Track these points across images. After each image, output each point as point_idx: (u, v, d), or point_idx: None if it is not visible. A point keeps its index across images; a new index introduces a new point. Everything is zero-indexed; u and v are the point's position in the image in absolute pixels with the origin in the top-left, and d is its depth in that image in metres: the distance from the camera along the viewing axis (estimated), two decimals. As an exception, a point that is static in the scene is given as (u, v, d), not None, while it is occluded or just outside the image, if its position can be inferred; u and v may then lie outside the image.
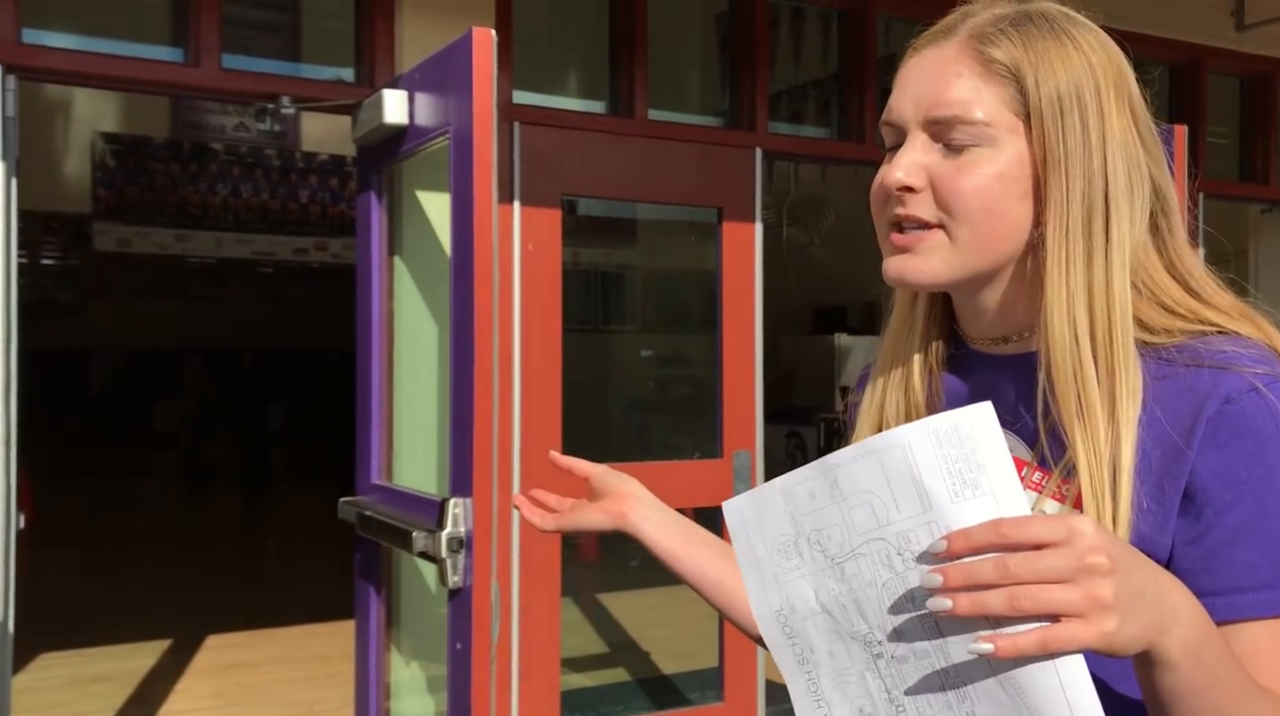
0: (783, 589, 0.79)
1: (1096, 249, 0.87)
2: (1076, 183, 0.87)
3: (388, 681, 3.29)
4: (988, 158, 0.88)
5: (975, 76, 0.89)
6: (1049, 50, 0.89)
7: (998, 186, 0.88)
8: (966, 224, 0.89)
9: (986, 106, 0.88)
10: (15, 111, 2.88)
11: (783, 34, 4.49)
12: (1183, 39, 4.84)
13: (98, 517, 10.69)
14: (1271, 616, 0.80)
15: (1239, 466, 0.81)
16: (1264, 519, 0.81)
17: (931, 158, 0.90)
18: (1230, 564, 0.81)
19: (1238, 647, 0.80)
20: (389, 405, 3.24)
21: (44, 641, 5.59)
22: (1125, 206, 0.89)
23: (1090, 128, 0.88)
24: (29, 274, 10.91)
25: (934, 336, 1.02)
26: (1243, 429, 0.81)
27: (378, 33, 3.41)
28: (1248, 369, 0.83)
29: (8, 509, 2.83)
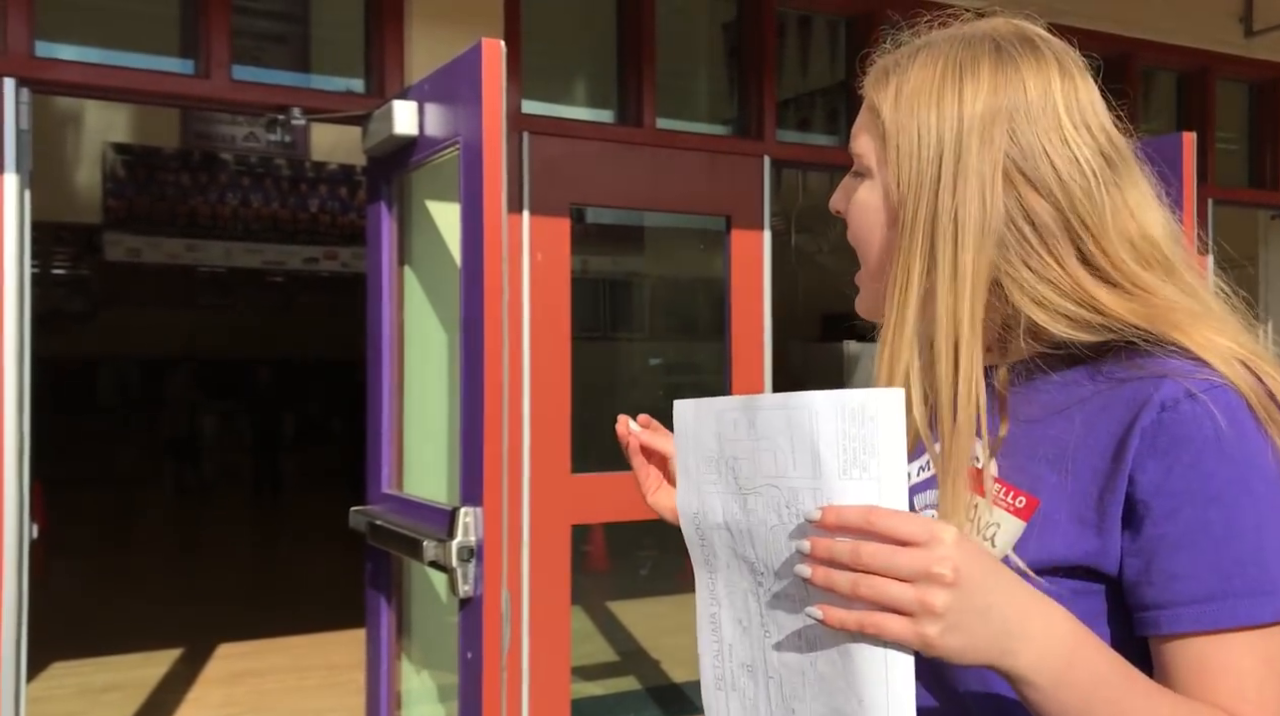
0: (701, 496, 0.86)
1: (943, 276, 0.89)
2: (922, 214, 0.90)
3: (398, 690, 3.29)
4: (866, 187, 0.97)
5: (864, 119, 0.98)
6: (923, 89, 0.93)
7: (860, 214, 0.97)
8: (857, 248, 0.99)
9: (863, 145, 0.97)
10: (29, 124, 2.90)
11: (790, 42, 4.50)
12: (1192, 45, 4.83)
13: (109, 526, 10.73)
14: (1214, 630, 0.79)
15: (1177, 475, 0.81)
16: (1204, 528, 0.80)
17: (852, 186, 1.00)
18: (1173, 576, 0.81)
19: (1184, 661, 0.80)
20: (399, 414, 3.25)
21: (56, 650, 5.61)
22: (971, 242, 0.89)
23: (938, 158, 0.90)
24: (40, 284, 10.95)
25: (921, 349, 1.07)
26: (1180, 437, 0.81)
27: (387, 44, 3.42)
28: (1183, 376, 0.82)
29: (20, 518, 2.84)
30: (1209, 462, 0.80)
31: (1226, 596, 0.79)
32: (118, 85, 3.15)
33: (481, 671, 2.43)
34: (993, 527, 0.88)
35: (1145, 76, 4.94)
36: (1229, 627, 0.79)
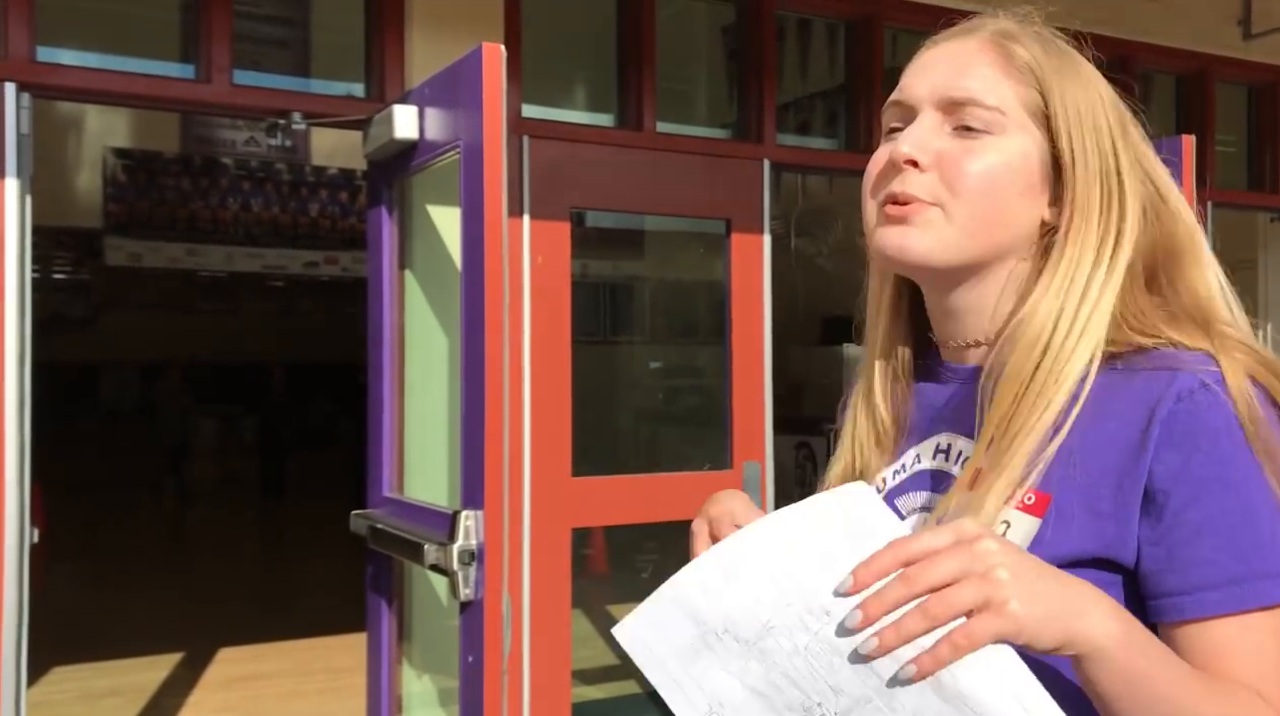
0: (705, 690, 0.76)
1: (1103, 261, 0.89)
2: (1095, 191, 0.90)
3: (399, 694, 3.29)
4: (997, 145, 0.90)
5: (997, 68, 0.91)
6: (1066, 67, 0.93)
7: (1004, 174, 0.89)
8: (967, 205, 0.89)
9: (1003, 96, 0.90)
10: (30, 128, 2.90)
11: (790, 46, 4.51)
12: (1190, 48, 4.84)
13: (109, 531, 10.72)
14: (1239, 611, 0.81)
15: (1195, 464, 0.82)
16: (1223, 515, 0.81)
17: (941, 139, 0.91)
18: (1194, 562, 0.82)
19: (1206, 644, 0.81)
20: (400, 418, 3.25)
21: (56, 655, 5.61)
22: (1133, 221, 0.91)
23: (1104, 145, 0.91)
24: (40, 289, 10.96)
25: (899, 351, 1.02)
26: (1197, 426, 0.82)
27: (388, 48, 3.43)
28: (1196, 368, 0.84)
29: (21, 523, 2.84)
30: (1226, 450, 0.82)
31: (1251, 578, 0.80)
32: (118, 90, 3.15)
33: (482, 675, 2.43)
34: (1002, 526, 0.87)
35: (1144, 79, 4.94)
36: (1254, 608, 0.80)
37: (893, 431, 1.01)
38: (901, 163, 0.90)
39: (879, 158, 0.94)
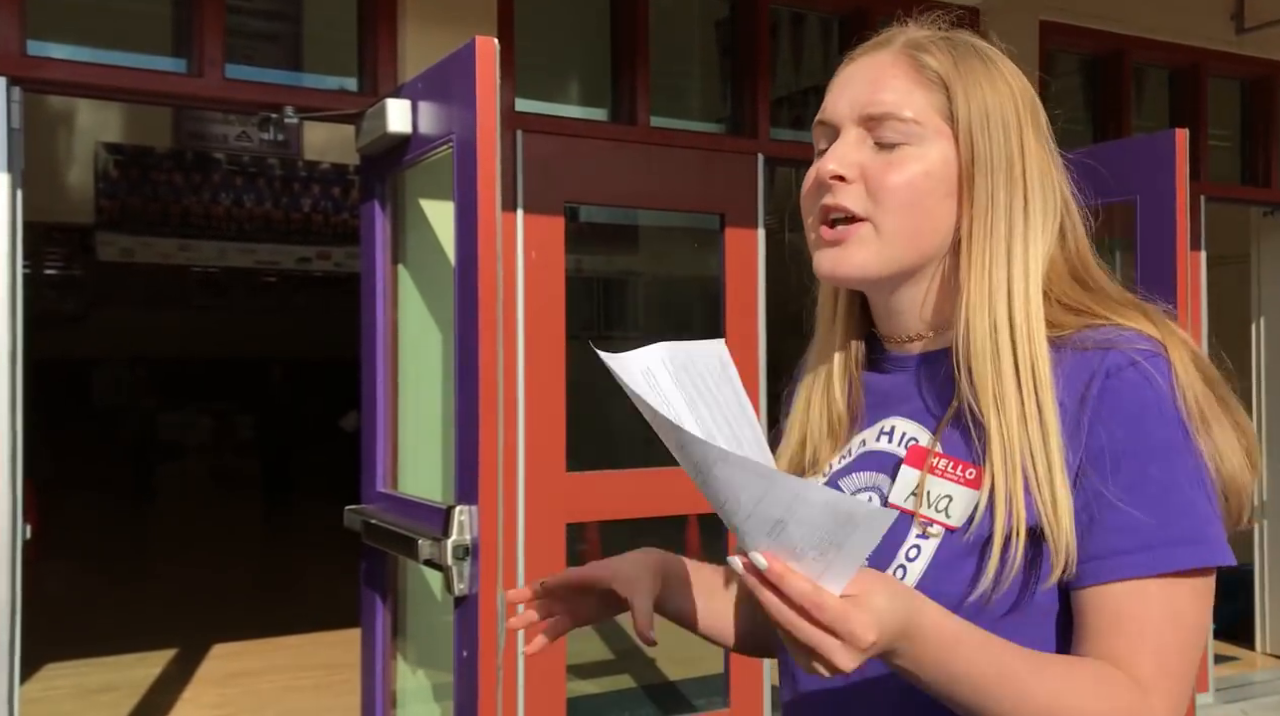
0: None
1: (1016, 251, 0.94)
2: (1000, 189, 0.95)
3: (394, 689, 3.29)
4: (916, 155, 0.95)
5: (909, 80, 0.97)
6: (976, 69, 0.97)
7: (924, 183, 0.95)
8: (893, 216, 0.95)
9: (917, 107, 0.96)
10: (20, 123, 2.89)
11: (783, 40, 4.50)
12: (1183, 42, 4.84)
13: (102, 528, 10.70)
14: (1142, 576, 0.85)
15: (1120, 436, 0.87)
16: (1143, 484, 0.86)
17: (864, 153, 0.97)
18: (1112, 528, 0.86)
19: (1102, 609, 0.86)
20: (394, 413, 3.25)
21: (51, 651, 5.59)
22: (1039, 214, 0.96)
23: (1012, 141, 0.96)
24: (32, 285, 10.91)
25: (852, 345, 1.08)
26: (1124, 400, 0.87)
27: (380, 42, 3.42)
28: (1129, 345, 0.89)
29: (14, 519, 2.83)
30: (1149, 423, 0.87)
31: (1165, 544, 0.85)
32: (110, 84, 3.14)
33: (477, 670, 2.43)
34: (944, 500, 0.92)
35: (1137, 73, 4.95)
36: (1160, 574, 0.85)
37: (846, 422, 1.07)
38: (828, 179, 0.97)
39: (809, 177, 1.00)
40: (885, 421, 1.03)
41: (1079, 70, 4.91)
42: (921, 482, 0.95)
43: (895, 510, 0.96)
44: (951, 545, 0.91)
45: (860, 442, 1.04)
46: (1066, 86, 4.91)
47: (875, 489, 1.00)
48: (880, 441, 1.02)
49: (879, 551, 0.94)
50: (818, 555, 0.76)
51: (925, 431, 0.98)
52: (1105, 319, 0.93)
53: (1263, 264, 5.29)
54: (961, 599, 0.89)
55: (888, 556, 0.95)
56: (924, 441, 0.97)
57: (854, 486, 1.02)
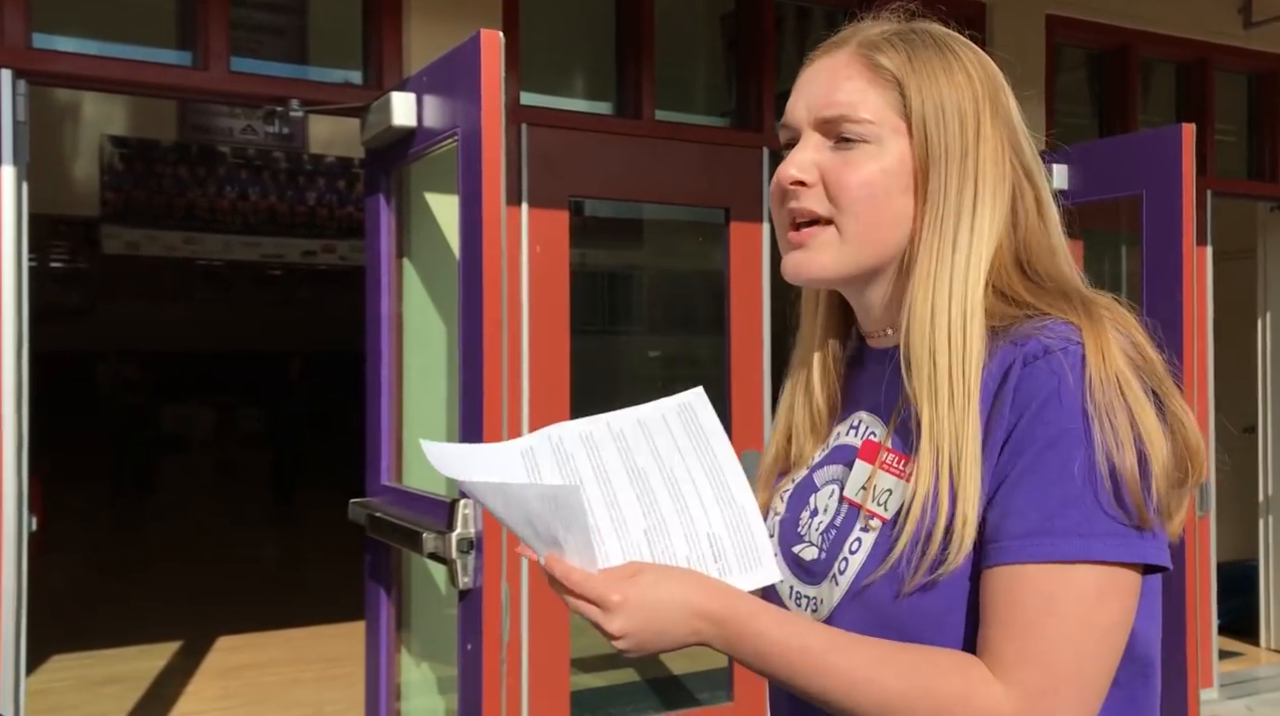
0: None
1: (961, 244, 0.95)
2: (952, 182, 0.95)
3: (398, 682, 3.29)
4: (873, 154, 0.96)
5: (863, 80, 0.98)
6: (931, 62, 0.98)
7: (881, 180, 0.96)
8: (852, 216, 0.97)
9: (871, 107, 0.97)
10: (26, 116, 2.89)
11: (789, 34, 4.49)
12: (1190, 37, 4.83)
13: (106, 520, 10.73)
14: (1019, 562, 0.85)
15: (1024, 423, 0.87)
16: (1039, 471, 0.86)
17: (822, 155, 0.98)
18: (1007, 512, 0.87)
19: (989, 592, 0.87)
20: (398, 406, 3.25)
21: (56, 643, 5.61)
22: (988, 207, 0.96)
23: (967, 134, 0.96)
24: (37, 278, 10.92)
25: (832, 341, 1.10)
26: (1034, 388, 0.88)
27: (385, 35, 3.41)
28: (1047, 335, 0.89)
29: (19, 511, 2.84)
30: (1050, 412, 0.87)
31: (1047, 533, 0.85)
32: (115, 77, 3.14)
33: (481, 663, 2.43)
34: (885, 494, 0.95)
35: (1144, 68, 4.93)
36: (1043, 560, 0.84)
37: (827, 418, 1.09)
38: (788, 185, 0.99)
39: (774, 182, 1.03)
40: (855, 415, 1.05)
41: (1085, 64, 4.90)
42: (871, 477, 0.97)
43: (848, 503, 1.00)
44: (885, 538, 0.93)
45: (835, 435, 1.07)
46: (1073, 81, 4.90)
47: (837, 482, 1.03)
48: (849, 435, 1.05)
49: (831, 547, 0.99)
50: (567, 540, 0.92)
51: (881, 424, 1.00)
52: (1039, 310, 0.93)
53: (1269, 259, 5.27)
54: (895, 592, 0.91)
55: (836, 550, 0.98)
56: (879, 435, 1.00)
57: (824, 478, 1.05)
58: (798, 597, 1.02)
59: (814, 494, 1.05)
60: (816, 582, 1.00)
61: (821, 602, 0.98)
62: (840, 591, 0.96)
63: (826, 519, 1.02)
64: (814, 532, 1.02)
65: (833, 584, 0.97)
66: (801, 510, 1.06)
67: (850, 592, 0.95)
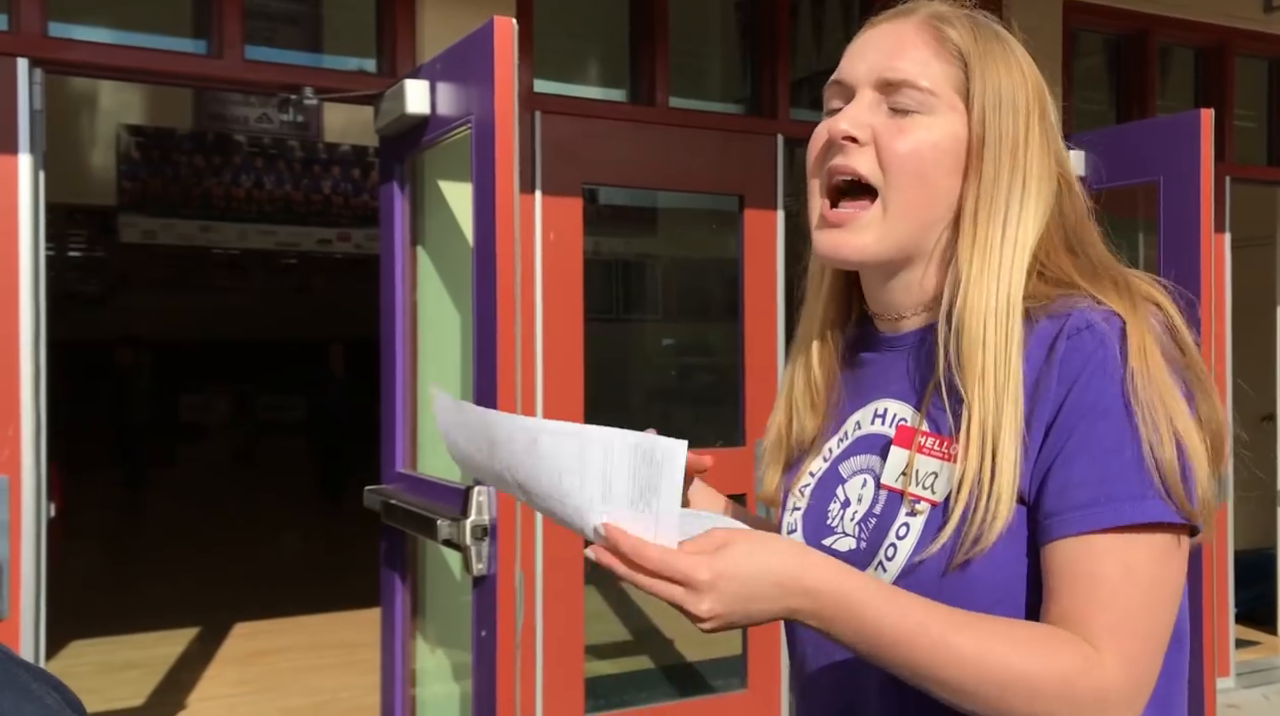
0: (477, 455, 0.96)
1: (1009, 232, 0.95)
2: (1004, 169, 0.95)
3: (413, 668, 3.31)
4: (927, 125, 0.96)
5: (929, 50, 0.97)
6: (995, 50, 0.98)
7: (932, 153, 0.96)
8: (897, 188, 0.96)
9: (934, 78, 0.96)
10: (43, 105, 2.90)
11: (803, 20, 4.47)
12: (1210, 21, 4.78)
13: (124, 507, 10.80)
14: (1091, 531, 0.86)
15: (1074, 395, 0.88)
16: (1094, 441, 0.87)
17: (877, 117, 0.97)
18: (1065, 484, 0.87)
19: (1057, 565, 0.87)
20: (413, 394, 3.26)
21: (75, 629, 5.66)
22: (1036, 197, 0.96)
23: (1019, 125, 0.96)
24: (54, 266, 11.00)
25: (837, 322, 1.10)
26: (1080, 360, 0.89)
27: (399, 23, 3.41)
28: (1088, 308, 0.91)
29: (38, 498, 2.86)
30: (1099, 382, 0.88)
31: (1111, 500, 0.86)
32: (131, 65, 3.15)
33: (495, 649, 2.44)
34: (930, 477, 0.94)
35: (1163, 53, 4.89)
36: (1106, 528, 0.85)
37: (825, 395, 1.09)
38: (840, 139, 0.98)
39: (819, 135, 1.01)
40: (878, 403, 1.04)
41: (1103, 50, 4.86)
42: (910, 462, 0.96)
43: (887, 490, 0.98)
44: (936, 520, 0.93)
45: (855, 424, 1.06)
46: (1090, 66, 4.86)
47: (869, 471, 1.02)
48: (874, 423, 1.03)
49: (871, 536, 0.97)
50: (644, 507, 0.81)
51: (911, 410, 1.00)
52: (1081, 290, 0.94)
53: (1288, 246, 5.22)
54: (942, 568, 0.91)
55: (879, 538, 0.97)
56: (911, 420, 0.99)
57: (851, 469, 1.04)
58: None
59: (841, 485, 1.04)
60: None
61: None
62: (889, 578, 0.95)
63: (862, 509, 1.00)
64: (848, 523, 1.01)
65: (880, 572, 0.96)
66: (829, 502, 1.04)
67: (899, 577, 0.94)
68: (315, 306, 14.66)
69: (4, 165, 2.83)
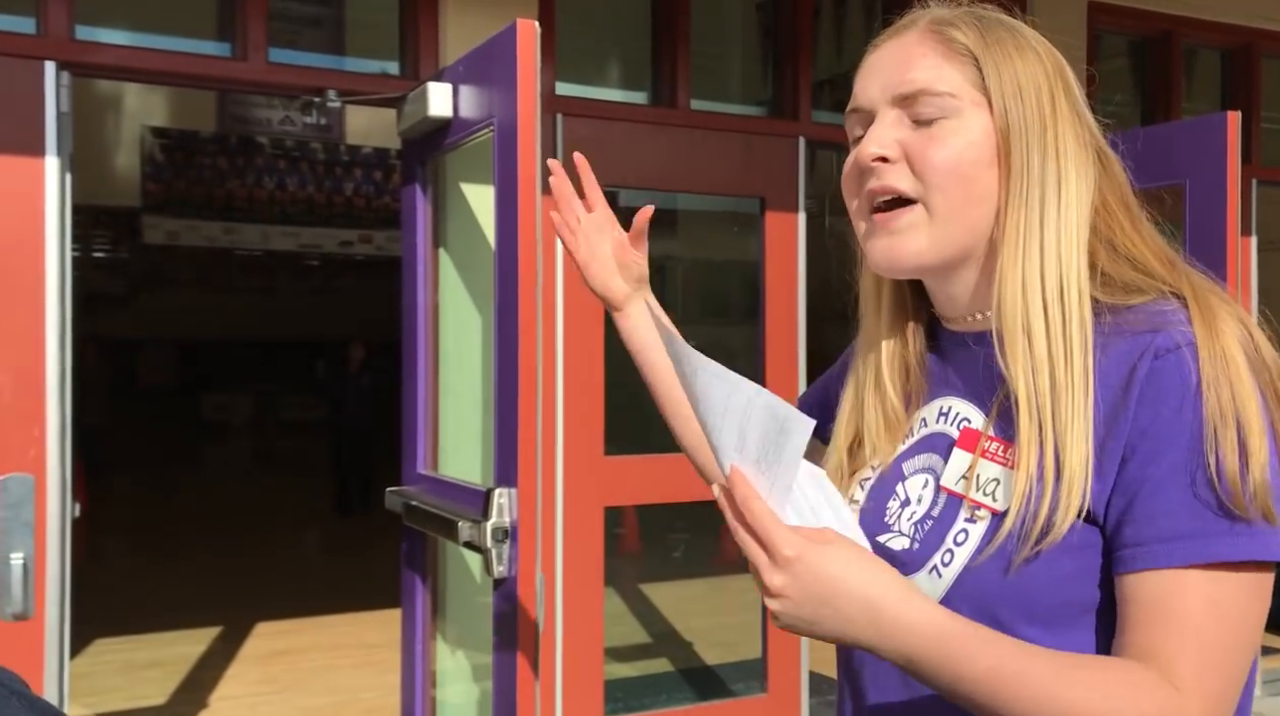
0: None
1: (1050, 217, 0.93)
2: (1034, 155, 0.93)
3: (433, 669, 3.32)
4: (955, 128, 0.94)
5: (938, 55, 0.96)
6: (1004, 40, 0.96)
7: (968, 153, 0.94)
8: (941, 192, 0.94)
9: (950, 81, 0.94)
10: (69, 107, 2.93)
11: (825, 21, 4.46)
12: (1235, 23, 4.74)
13: (148, 507, 10.88)
14: (1181, 566, 0.82)
15: (1163, 421, 0.84)
16: (1183, 472, 0.83)
17: (903, 132, 0.96)
18: (1153, 515, 0.84)
19: (1140, 597, 0.84)
20: (435, 396, 3.27)
21: (99, 628, 5.71)
22: (1073, 178, 0.94)
23: (1045, 108, 0.94)
24: (80, 267, 11.08)
25: (905, 332, 1.06)
26: (1168, 384, 0.84)
27: (422, 25, 3.42)
28: (1175, 325, 0.86)
29: (63, 498, 2.89)
30: (1190, 409, 0.84)
31: (1203, 536, 0.82)
32: (156, 68, 3.17)
33: (515, 651, 2.45)
34: (992, 483, 0.92)
35: (1188, 55, 4.85)
36: (1197, 564, 0.82)
37: (903, 415, 1.05)
38: (870, 162, 0.96)
39: (849, 165, 1.00)
40: (943, 400, 1.01)
41: (1127, 52, 4.83)
42: (973, 466, 0.94)
43: (947, 493, 0.96)
44: (996, 529, 0.90)
45: (921, 422, 1.03)
46: (1115, 68, 4.83)
47: (930, 471, 0.99)
48: (939, 422, 1.01)
49: (927, 538, 0.95)
50: (766, 468, 0.83)
51: (977, 411, 0.97)
52: (1147, 291, 0.91)
53: (1316, 249, 5.17)
54: (1000, 571, 0.88)
55: (935, 542, 0.95)
56: (976, 422, 0.96)
57: (914, 468, 1.02)
58: None
59: (901, 483, 1.02)
60: (907, 573, 0.95)
61: None
62: (945, 584, 0.92)
63: (921, 510, 0.98)
64: (904, 522, 0.99)
65: (934, 576, 0.93)
66: (888, 499, 1.02)
67: (956, 584, 0.92)
68: (337, 307, 14.72)
69: (31, 167, 2.85)
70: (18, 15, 3.00)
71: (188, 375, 15.14)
